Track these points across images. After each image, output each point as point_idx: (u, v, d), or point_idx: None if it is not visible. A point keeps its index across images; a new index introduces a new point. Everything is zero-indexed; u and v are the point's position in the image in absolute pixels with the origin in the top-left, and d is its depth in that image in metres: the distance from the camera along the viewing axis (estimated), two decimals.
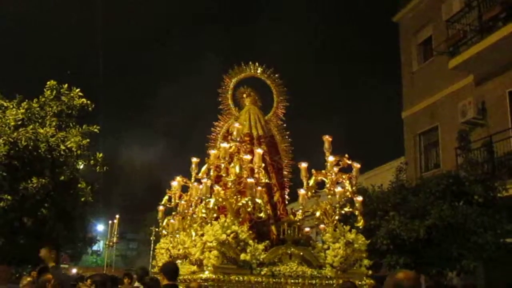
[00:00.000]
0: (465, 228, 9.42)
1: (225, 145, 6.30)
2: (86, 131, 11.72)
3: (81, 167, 12.22)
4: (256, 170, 6.25)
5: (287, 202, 7.69)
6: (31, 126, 10.90)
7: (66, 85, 12.05)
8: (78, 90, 12.02)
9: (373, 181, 13.09)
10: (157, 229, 8.27)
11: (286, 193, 7.54)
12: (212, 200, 5.99)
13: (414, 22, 16.92)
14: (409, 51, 17.00)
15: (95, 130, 11.83)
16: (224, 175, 6.19)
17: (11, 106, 11.53)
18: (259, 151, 6.36)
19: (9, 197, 10.34)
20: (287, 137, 8.12)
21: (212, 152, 6.56)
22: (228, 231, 5.64)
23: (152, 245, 21.36)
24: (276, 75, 8.14)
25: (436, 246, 9.55)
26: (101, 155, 12.06)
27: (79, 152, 11.33)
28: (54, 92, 11.98)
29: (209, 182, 6.14)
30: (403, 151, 16.45)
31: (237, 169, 6.06)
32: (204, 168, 6.71)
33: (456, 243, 9.46)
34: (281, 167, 7.63)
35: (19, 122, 11.13)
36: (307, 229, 7.21)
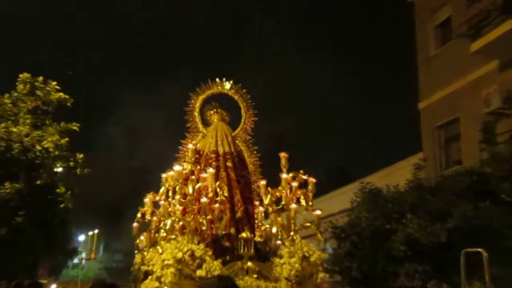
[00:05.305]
0: (491, 231, 9.46)
1: (177, 167, 7.10)
2: (64, 129, 11.72)
3: (60, 169, 12.22)
4: (210, 189, 7.07)
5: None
6: (2, 125, 10.93)
7: (41, 78, 12.04)
8: (54, 83, 12.02)
9: (387, 180, 13.10)
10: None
11: (254, 207, 7.92)
12: (169, 221, 6.88)
13: (431, 2, 16.93)
14: (425, 34, 16.99)
15: (75, 127, 11.84)
16: (178, 196, 7.00)
17: None
18: (210, 170, 7.14)
19: None
20: (255, 152, 8.64)
21: (170, 173, 7.32)
22: (185, 249, 6.38)
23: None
24: (244, 90, 8.64)
25: (459, 252, 9.58)
26: (81, 156, 12.04)
27: (57, 152, 11.34)
28: (28, 86, 11.97)
29: (166, 203, 7.02)
30: (421, 146, 16.49)
31: (190, 190, 6.94)
32: (162, 189, 7.45)
33: (481, 247, 9.49)
34: (249, 182, 8.18)
35: None
36: (278, 242, 7.72)
